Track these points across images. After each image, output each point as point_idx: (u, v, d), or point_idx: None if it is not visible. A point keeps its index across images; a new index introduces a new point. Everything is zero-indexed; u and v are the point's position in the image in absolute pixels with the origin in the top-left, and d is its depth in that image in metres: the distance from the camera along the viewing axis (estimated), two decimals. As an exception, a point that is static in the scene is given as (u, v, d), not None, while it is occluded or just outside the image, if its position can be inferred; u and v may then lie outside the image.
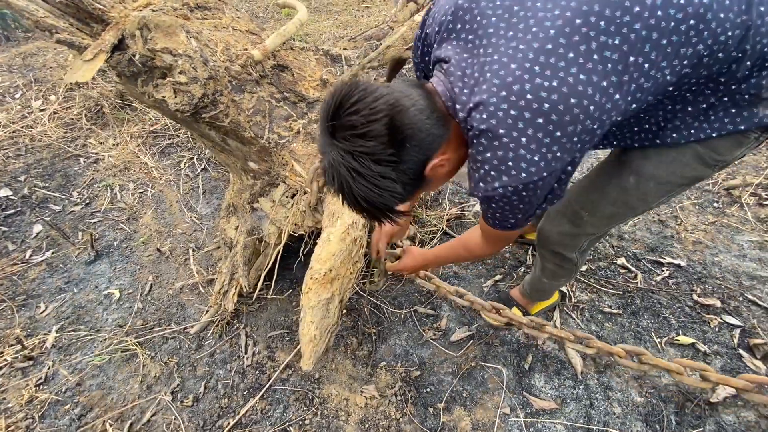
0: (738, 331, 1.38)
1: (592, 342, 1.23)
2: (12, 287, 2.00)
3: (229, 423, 1.40)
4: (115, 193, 2.62)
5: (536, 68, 0.61)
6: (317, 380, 1.48)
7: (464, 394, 1.37)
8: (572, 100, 0.61)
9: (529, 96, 0.61)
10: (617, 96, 0.63)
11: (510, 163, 0.66)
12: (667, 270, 1.61)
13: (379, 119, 0.62)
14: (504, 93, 0.62)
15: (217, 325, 1.68)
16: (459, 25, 0.71)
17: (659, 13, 0.60)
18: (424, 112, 0.67)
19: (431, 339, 1.53)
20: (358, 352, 1.53)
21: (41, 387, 1.58)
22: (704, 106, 0.75)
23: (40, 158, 2.99)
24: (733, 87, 0.71)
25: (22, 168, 2.87)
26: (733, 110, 0.74)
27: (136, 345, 1.67)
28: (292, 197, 1.45)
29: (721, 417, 1.21)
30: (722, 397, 1.23)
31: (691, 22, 0.61)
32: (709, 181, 1.98)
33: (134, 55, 1.09)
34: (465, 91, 0.68)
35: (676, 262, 1.63)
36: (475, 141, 0.69)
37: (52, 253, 2.23)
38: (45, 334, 1.76)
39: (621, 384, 1.32)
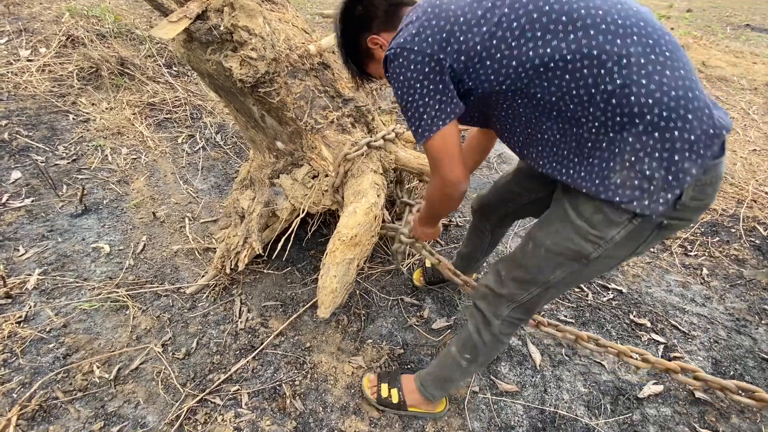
0: (662, 346, 1.70)
1: (560, 326, 1.43)
2: (-12, 227, 1.94)
3: (219, 377, 1.47)
4: (106, 155, 2.60)
5: None
6: (308, 348, 1.59)
7: (440, 373, 1.55)
8: (444, 6, 0.86)
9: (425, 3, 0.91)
10: (479, 12, 0.81)
11: (398, 33, 0.91)
12: (611, 293, 1.93)
13: None
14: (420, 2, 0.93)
15: (213, 289, 1.75)
16: None
17: None
18: (385, 4, 0.99)
19: (414, 325, 1.71)
20: (348, 329, 1.67)
21: (21, 325, 1.55)
22: (573, 145, 0.83)
23: (24, 107, 2.90)
24: (594, 131, 0.79)
25: (2, 113, 2.76)
26: (590, 164, 0.81)
27: (127, 297, 1.70)
28: (314, 178, 1.62)
29: (646, 410, 1.48)
30: (647, 394, 1.52)
31: (553, 16, 0.76)
32: (649, 230, 2.38)
33: (216, 26, 1.24)
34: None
35: (618, 288, 1.96)
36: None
37: (32, 201, 2.18)
38: (27, 275, 1.73)
39: (570, 377, 1.57)
